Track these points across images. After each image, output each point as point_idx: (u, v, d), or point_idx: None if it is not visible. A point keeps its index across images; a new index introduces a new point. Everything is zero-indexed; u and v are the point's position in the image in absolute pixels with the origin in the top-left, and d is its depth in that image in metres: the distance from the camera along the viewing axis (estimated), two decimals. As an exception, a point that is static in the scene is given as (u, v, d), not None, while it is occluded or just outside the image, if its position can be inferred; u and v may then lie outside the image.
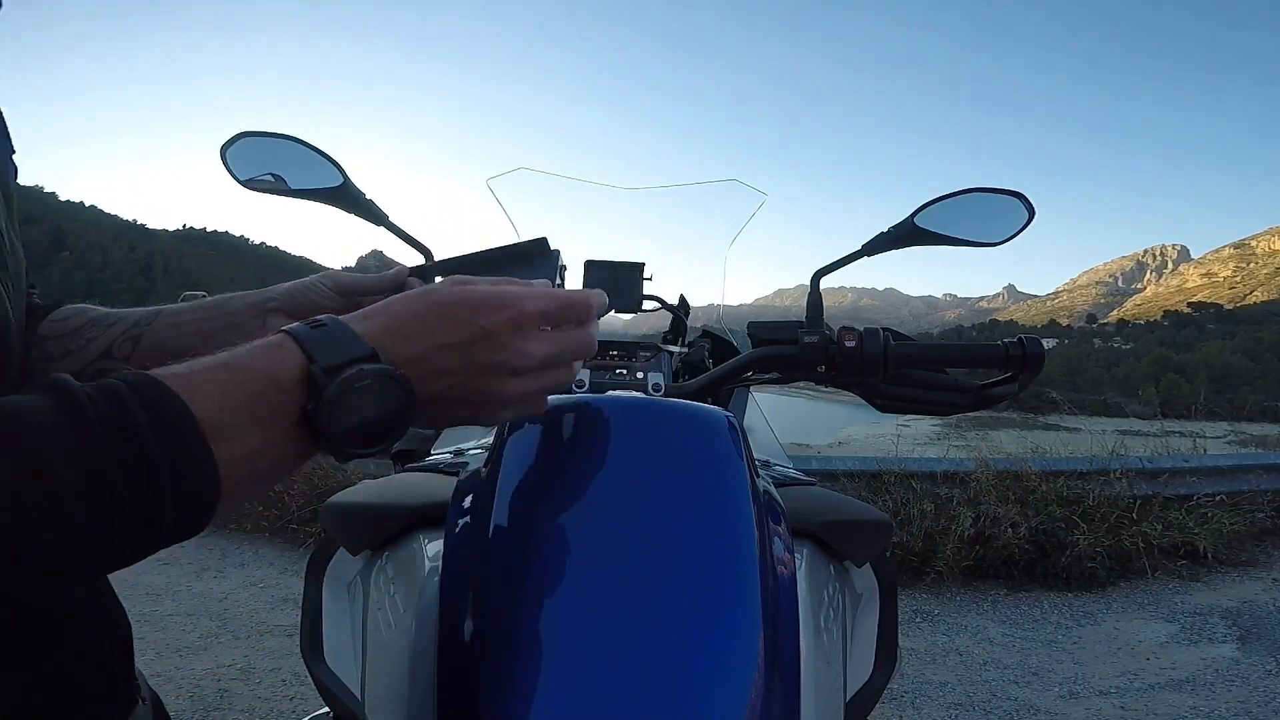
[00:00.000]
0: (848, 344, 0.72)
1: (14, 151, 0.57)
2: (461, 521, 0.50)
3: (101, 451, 0.28)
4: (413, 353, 0.38)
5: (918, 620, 2.95)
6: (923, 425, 9.21)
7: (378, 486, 0.70)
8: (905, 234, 0.78)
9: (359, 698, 0.61)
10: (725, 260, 1.26)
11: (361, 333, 0.37)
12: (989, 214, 0.79)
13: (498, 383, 0.40)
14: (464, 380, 0.39)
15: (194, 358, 0.34)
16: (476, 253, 0.61)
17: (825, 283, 0.81)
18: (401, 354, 0.37)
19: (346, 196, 0.77)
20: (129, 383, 0.30)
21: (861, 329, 0.74)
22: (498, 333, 0.39)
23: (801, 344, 0.74)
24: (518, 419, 0.50)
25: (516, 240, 0.63)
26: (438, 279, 0.47)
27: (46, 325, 0.59)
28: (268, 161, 0.77)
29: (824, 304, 0.79)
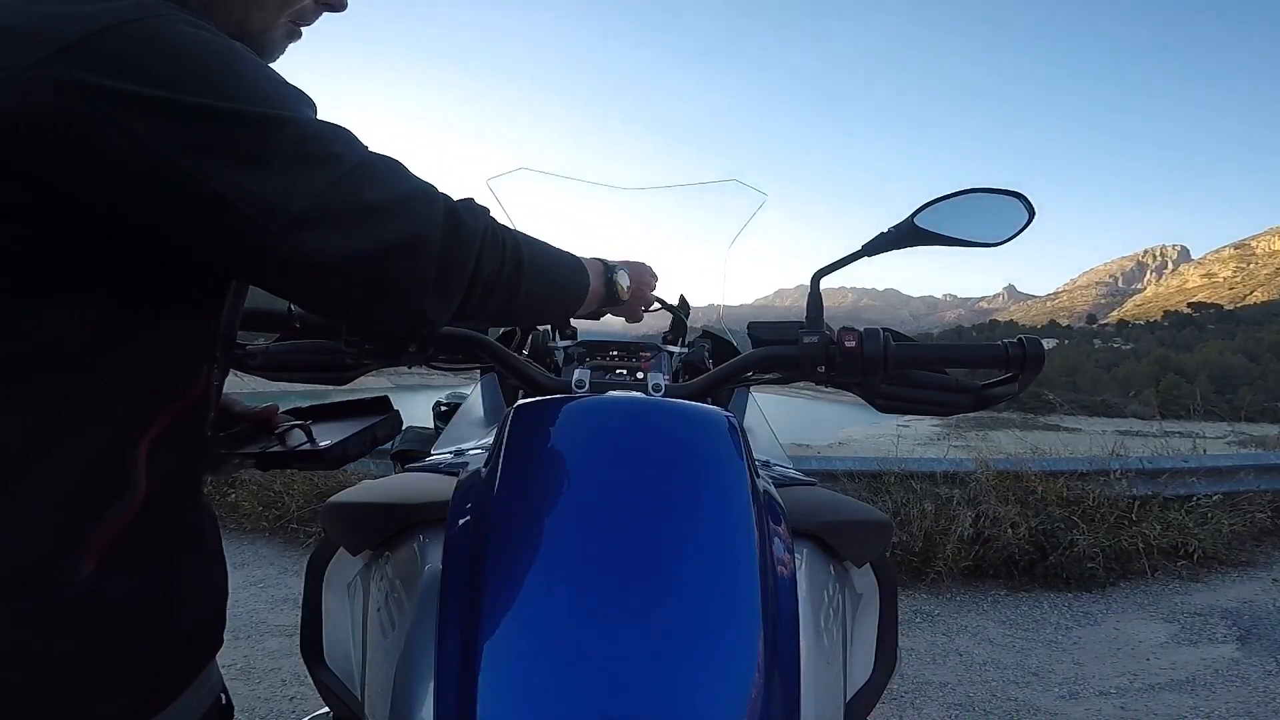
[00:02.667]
0: (848, 344, 0.72)
1: None
2: (461, 521, 0.50)
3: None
4: (633, 269, 0.85)
5: (917, 620, 2.95)
6: (923, 425, 9.21)
7: (378, 486, 0.70)
8: (905, 234, 0.78)
9: (359, 698, 0.61)
10: (725, 260, 1.27)
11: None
12: (989, 214, 0.79)
13: (653, 282, 0.94)
14: (647, 281, 0.92)
15: None
16: (325, 405, 0.77)
17: (825, 283, 0.81)
18: (628, 268, 0.84)
19: None
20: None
21: (861, 329, 0.74)
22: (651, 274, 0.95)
23: (802, 344, 0.74)
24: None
25: (361, 397, 0.78)
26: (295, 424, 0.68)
27: None
28: None
29: (824, 304, 0.79)
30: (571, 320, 1.19)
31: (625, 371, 0.93)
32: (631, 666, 0.40)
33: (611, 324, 1.24)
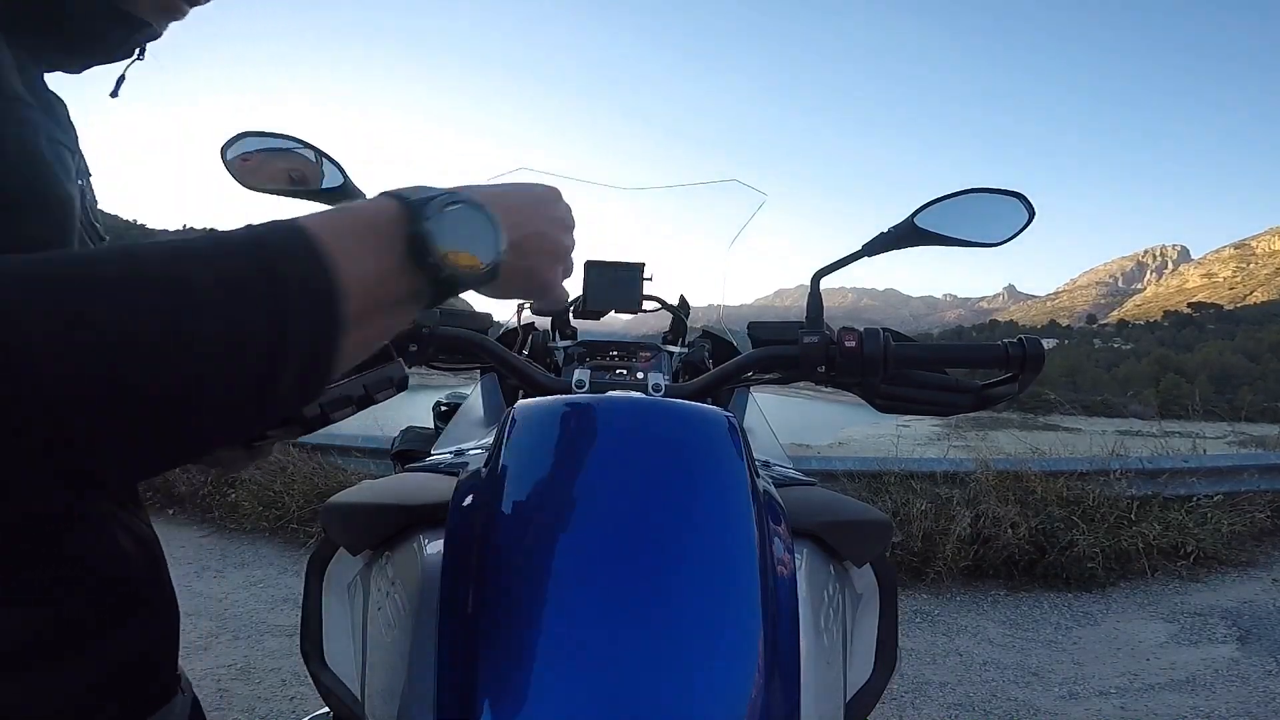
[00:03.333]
0: (848, 344, 0.72)
1: (89, 173, 0.58)
2: (461, 521, 0.50)
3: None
4: (502, 203, 0.42)
5: (918, 620, 2.95)
6: (923, 425, 9.21)
7: (378, 486, 0.70)
8: (905, 234, 0.78)
9: (359, 698, 0.61)
10: (725, 260, 1.27)
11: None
12: (989, 214, 0.79)
13: (566, 235, 0.48)
14: (544, 230, 0.46)
15: None
16: None
17: (825, 283, 0.81)
18: (491, 201, 0.41)
19: (347, 196, 0.77)
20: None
21: (861, 329, 0.74)
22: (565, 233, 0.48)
23: (802, 344, 0.74)
24: (556, 299, 0.51)
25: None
26: None
27: None
28: (268, 161, 0.77)
29: (824, 304, 0.79)
30: (572, 320, 1.19)
31: (625, 371, 0.93)
32: (631, 666, 0.40)
33: (612, 324, 1.24)
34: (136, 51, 0.58)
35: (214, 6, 0.59)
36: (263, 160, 0.77)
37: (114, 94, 0.60)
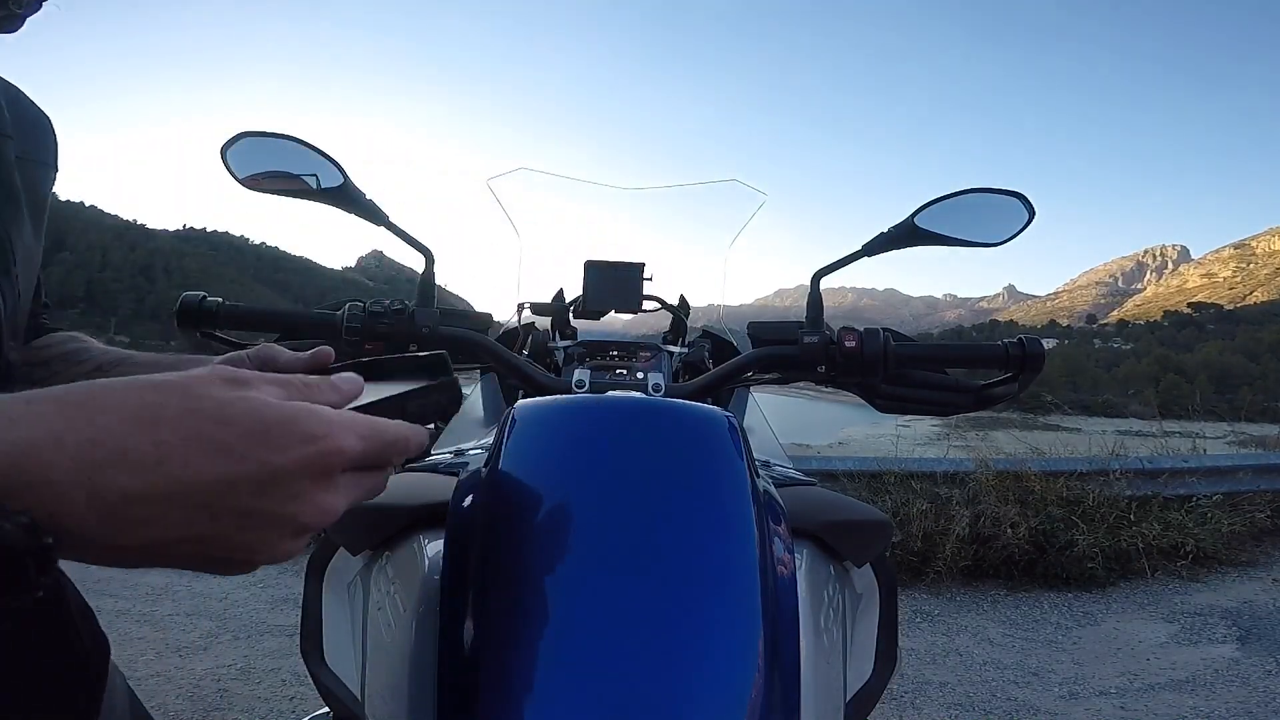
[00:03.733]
0: (848, 344, 0.72)
1: (57, 168, 0.57)
2: (461, 521, 0.50)
3: None
4: (107, 474, 0.24)
5: (918, 620, 2.95)
6: (923, 425, 9.21)
7: None
8: (905, 234, 0.78)
9: (359, 698, 0.61)
10: (725, 260, 1.27)
11: (13, 420, 0.23)
12: (989, 214, 0.79)
13: (269, 540, 0.28)
14: (214, 532, 0.27)
15: None
16: (386, 359, 0.48)
17: (825, 283, 0.81)
18: (70, 472, 0.23)
19: (347, 196, 0.77)
20: None
21: (861, 329, 0.74)
22: (293, 476, 0.28)
23: (802, 344, 0.74)
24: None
25: (415, 353, 0.54)
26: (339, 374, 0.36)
27: (24, 351, 0.56)
28: (268, 161, 0.77)
29: (824, 304, 0.79)
30: (572, 320, 1.19)
31: (625, 371, 0.93)
32: (631, 666, 0.40)
33: (612, 323, 1.24)
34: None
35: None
36: (263, 160, 0.77)
37: None
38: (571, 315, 1.18)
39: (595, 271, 1.09)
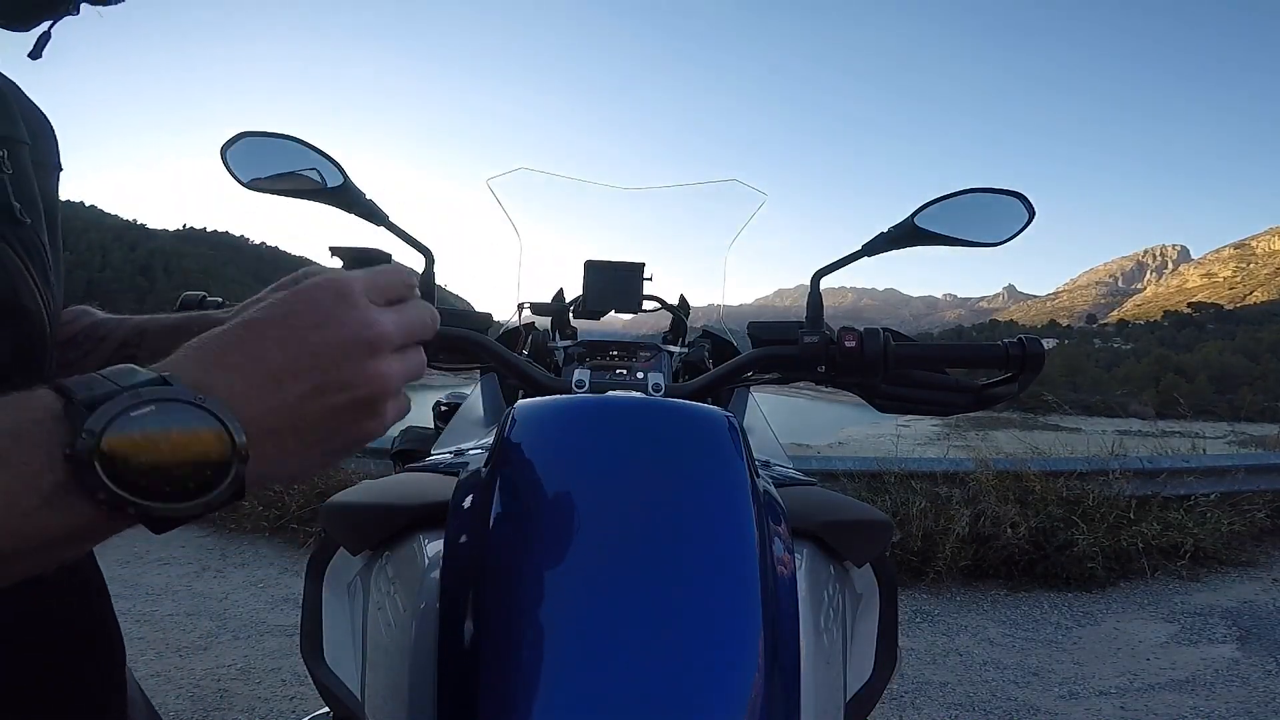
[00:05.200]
0: (848, 344, 0.72)
1: (61, 168, 0.57)
2: (461, 521, 0.50)
3: None
4: (238, 361, 0.29)
5: (918, 620, 2.95)
6: (923, 425, 9.22)
7: (378, 486, 0.70)
8: (905, 234, 0.78)
9: (359, 698, 0.61)
10: (725, 260, 1.27)
11: (153, 366, 0.28)
12: (989, 214, 0.79)
13: (360, 367, 0.33)
14: (322, 379, 0.31)
15: None
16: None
17: (825, 283, 0.81)
18: (216, 371, 0.29)
19: (347, 196, 0.77)
20: None
21: (861, 329, 0.74)
22: (348, 354, 0.32)
23: (801, 344, 0.74)
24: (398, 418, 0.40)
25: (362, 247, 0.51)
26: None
27: None
28: (268, 161, 0.77)
29: (824, 304, 0.79)
30: (572, 320, 1.20)
31: (625, 371, 0.92)
32: (631, 666, 0.40)
33: (612, 323, 1.24)
34: (73, 5, 0.54)
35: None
36: (263, 160, 0.77)
37: (36, 55, 0.54)
38: (571, 315, 1.18)
39: (595, 271, 1.09)
